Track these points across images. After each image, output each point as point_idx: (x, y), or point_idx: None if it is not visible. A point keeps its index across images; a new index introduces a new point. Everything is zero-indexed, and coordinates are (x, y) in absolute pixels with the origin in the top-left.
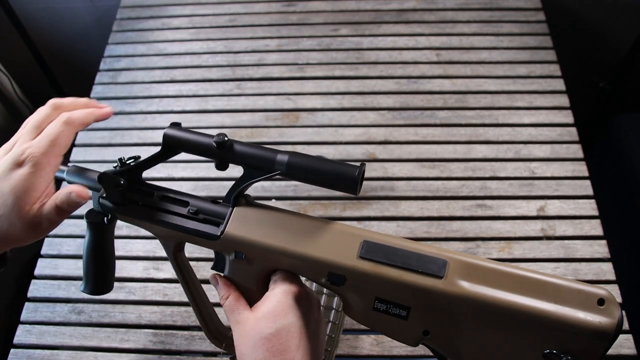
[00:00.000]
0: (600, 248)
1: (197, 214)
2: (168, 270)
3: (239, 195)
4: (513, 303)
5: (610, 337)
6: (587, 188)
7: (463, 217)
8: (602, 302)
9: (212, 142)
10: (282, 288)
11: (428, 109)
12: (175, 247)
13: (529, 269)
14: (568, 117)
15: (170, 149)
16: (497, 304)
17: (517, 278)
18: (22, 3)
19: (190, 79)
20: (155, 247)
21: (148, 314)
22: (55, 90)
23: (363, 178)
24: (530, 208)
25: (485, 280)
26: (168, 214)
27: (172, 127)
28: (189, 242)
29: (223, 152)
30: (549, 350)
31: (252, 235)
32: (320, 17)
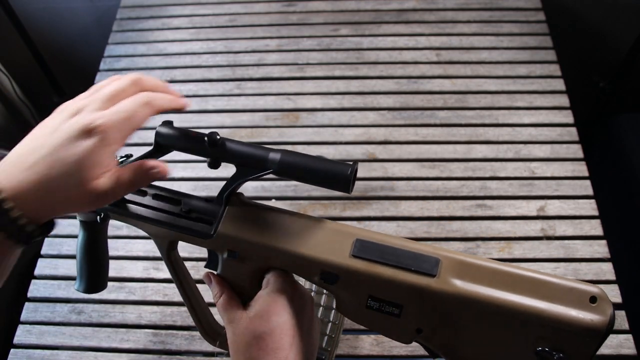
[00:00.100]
0: (600, 248)
1: (189, 213)
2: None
3: (232, 194)
4: (506, 301)
5: (602, 334)
6: (587, 188)
7: (463, 217)
8: (594, 299)
9: (204, 140)
10: (275, 287)
11: (428, 109)
12: (169, 245)
13: (522, 267)
14: (568, 117)
15: (162, 148)
16: (490, 302)
17: (510, 276)
18: (22, 3)
19: (190, 79)
20: (155, 247)
21: (148, 314)
22: (55, 90)
23: (356, 176)
24: (530, 208)
25: (478, 279)
26: (161, 213)
27: (164, 125)
28: (182, 240)
29: (215, 150)
30: (542, 348)
31: (244, 234)
32: (320, 17)
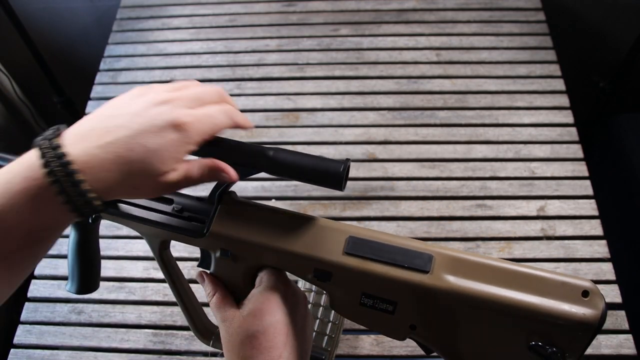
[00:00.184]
0: (600, 248)
1: (181, 212)
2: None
3: (224, 193)
4: (499, 296)
5: (595, 328)
6: (587, 188)
7: (463, 217)
8: (586, 293)
9: None
10: (268, 285)
11: (428, 109)
12: (161, 245)
13: (515, 263)
14: (568, 117)
15: None
16: (483, 298)
17: (503, 271)
18: (22, 3)
19: (190, 79)
20: None
21: (148, 314)
22: (55, 90)
23: (348, 174)
24: (530, 208)
25: (471, 274)
26: (152, 212)
27: None
28: (174, 240)
29: (208, 149)
30: (535, 342)
31: (237, 232)
32: (320, 17)
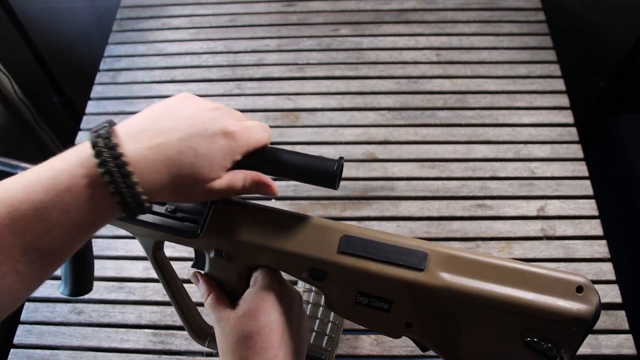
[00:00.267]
0: (600, 248)
1: (175, 212)
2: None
3: None
4: (494, 293)
5: (589, 323)
6: (587, 188)
7: (463, 217)
8: (580, 289)
9: None
10: (263, 285)
11: (428, 109)
12: (154, 246)
13: (509, 259)
14: (568, 117)
15: None
16: (478, 295)
17: (497, 268)
18: (22, 3)
19: (190, 79)
20: None
21: (148, 314)
22: (55, 90)
23: (342, 173)
24: (530, 208)
25: (466, 272)
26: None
27: None
28: (168, 240)
29: None
30: (531, 339)
31: (231, 233)
32: (320, 17)
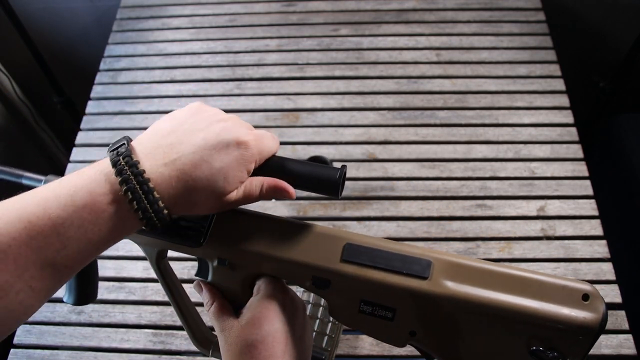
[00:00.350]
0: (600, 248)
1: (178, 221)
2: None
3: None
4: (499, 301)
5: (595, 332)
6: (587, 188)
7: (463, 217)
8: (586, 297)
9: None
10: (266, 294)
11: (428, 109)
12: (158, 255)
13: (514, 267)
14: (568, 117)
15: None
16: (483, 303)
17: (502, 276)
18: (22, 3)
19: (190, 79)
20: None
21: (148, 314)
22: (55, 90)
23: (344, 181)
24: (530, 208)
25: (470, 280)
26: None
27: None
28: (171, 249)
29: None
30: (536, 347)
31: (234, 241)
32: (320, 17)
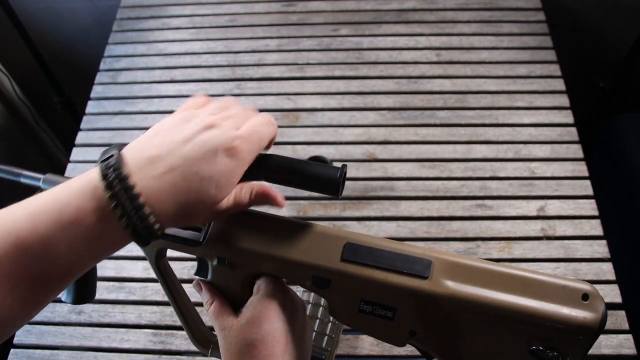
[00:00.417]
0: (600, 248)
1: None
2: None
3: None
4: (499, 301)
5: (595, 331)
6: (587, 188)
7: (463, 217)
8: (586, 297)
9: None
10: (266, 293)
11: (428, 109)
12: (157, 254)
13: (514, 266)
14: (568, 117)
15: None
16: (483, 303)
17: (502, 276)
18: (22, 3)
19: (190, 79)
20: None
21: (148, 314)
22: (55, 90)
23: (345, 180)
24: (530, 208)
25: (471, 279)
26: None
27: None
28: (171, 248)
29: None
30: (536, 347)
31: (234, 241)
32: (320, 17)
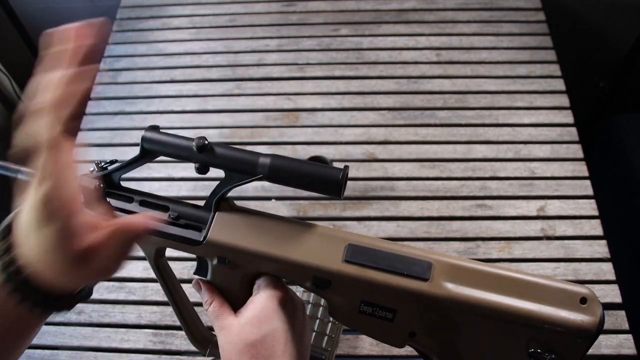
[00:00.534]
0: (600, 248)
1: (178, 219)
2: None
3: (221, 200)
4: (498, 304)
5: (593, 335)
6: (587, 188)
7: (463, 217)
8: (584, 300)
9: (192, 145)
10: (266, 293)
11: (428, 109)
12: (156, 253)
13: (514, 269)
14: (568, 117)
15: (149, 153)
16: (482, 305)
17: (501, 279)
18: (22, 3)
19: (190, 79)
20: None
21: (148, 314)
22: None
23: (347, 181)
24: (530, 208)
25: (471, 282)
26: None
27: (150, 130)
28: (170, 247)
29: (204, 155)
30: (534, 349)
31: (234, 240)
32: (320, 17)
